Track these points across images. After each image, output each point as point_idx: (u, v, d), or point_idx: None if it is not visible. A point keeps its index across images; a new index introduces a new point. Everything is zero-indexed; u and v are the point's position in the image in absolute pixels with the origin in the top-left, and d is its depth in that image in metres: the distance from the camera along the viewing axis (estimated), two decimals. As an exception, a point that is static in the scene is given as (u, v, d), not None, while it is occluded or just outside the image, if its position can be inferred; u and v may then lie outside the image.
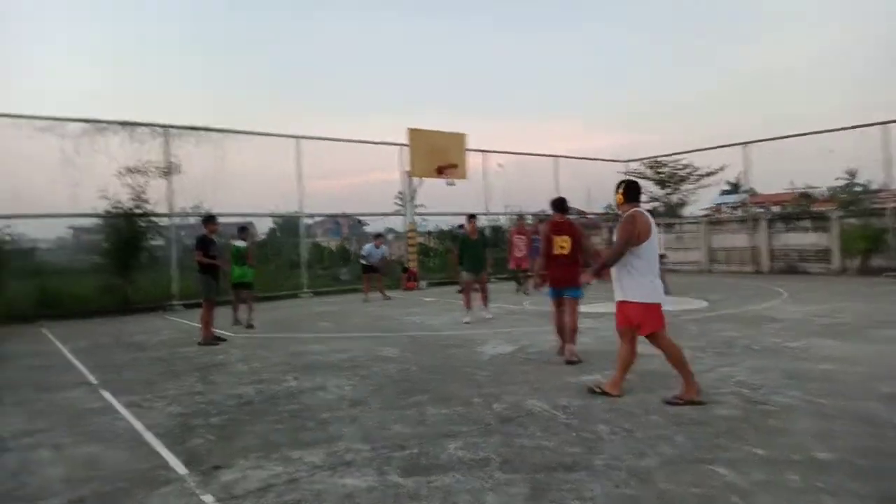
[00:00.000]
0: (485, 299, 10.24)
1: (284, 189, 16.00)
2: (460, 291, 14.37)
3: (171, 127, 14.13)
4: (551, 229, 6.57)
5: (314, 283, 16.59)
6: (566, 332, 6.52)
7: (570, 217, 6.87)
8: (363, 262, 14.51)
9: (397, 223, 19.13)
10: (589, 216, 21.70)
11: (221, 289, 9.05)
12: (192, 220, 15.60)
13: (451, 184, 16.31)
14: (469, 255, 9.86)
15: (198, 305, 9.64)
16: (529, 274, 14.61)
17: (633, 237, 4.73)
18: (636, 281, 4.79)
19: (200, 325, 8.56)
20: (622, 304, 4.93)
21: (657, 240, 4.91)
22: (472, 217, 10.25)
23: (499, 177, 19.84)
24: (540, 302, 11.63)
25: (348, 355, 7.21)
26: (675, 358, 4.77)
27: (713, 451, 3.58)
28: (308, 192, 16.23)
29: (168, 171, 13.87)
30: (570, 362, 6.28)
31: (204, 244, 8.55)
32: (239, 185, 14.78)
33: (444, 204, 18.26)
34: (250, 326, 9.99)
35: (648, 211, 5.08)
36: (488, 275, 10.56)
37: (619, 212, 4.97)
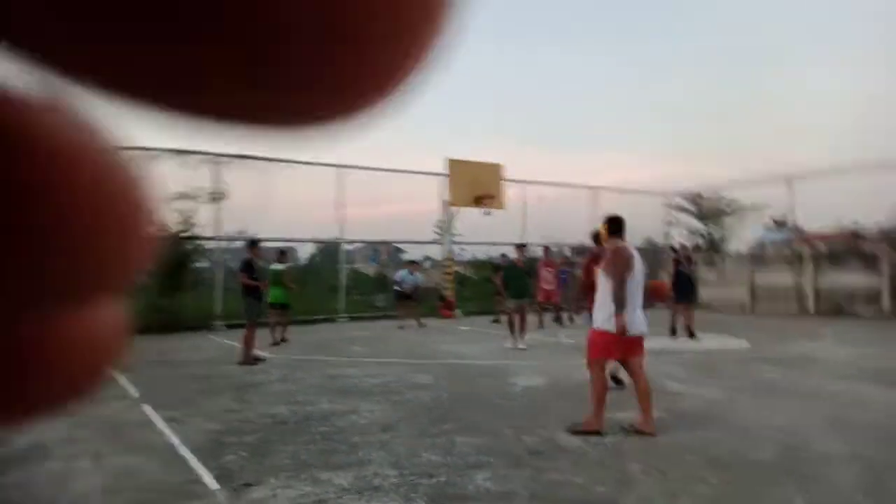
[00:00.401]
0: (522, 329, 10.28)
1: (325, 215, 16.35)
2: (495, 321, 14.38)
3: (221, 155, 14.60)
4: (593, 260, 6.65)
5: (351, 308, 16.75)
6: None
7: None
8: (397, 288, 14.63)
9: (435, 252, 19.29)
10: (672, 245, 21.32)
11: (264, 311, 9.25)
12: (237, 244, 16.04)
13: (488, 213, 16.39)
14: (515, 284, 10.35)
15: (240, 326, 9.86)
16: (561, 307, 14.44)
17: (628, 269, 4.80)
18: (603, 311, 4.89)
19: (242, 346, 8.74)
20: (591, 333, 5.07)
21: (641, 275, 4.95)
22: (521, 246, 10.98)
23: (537, 208, 19.83)
24: (575, 335, 11.48)
25: (382, 380, 7.24)
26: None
27: (750, 498, 3.45)
28: (348, 219, 16.54)
29: (216, 196, 14.31)
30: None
31: (248, 267, 8.82)
32: (282, 210, 15.21)
33: (481, 234, 18.33)
34: (284, 340, 10.67)
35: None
36: (529, 305, 10.77)
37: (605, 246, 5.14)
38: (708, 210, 22.53)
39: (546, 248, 14.89)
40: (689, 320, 11.44)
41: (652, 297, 7.21)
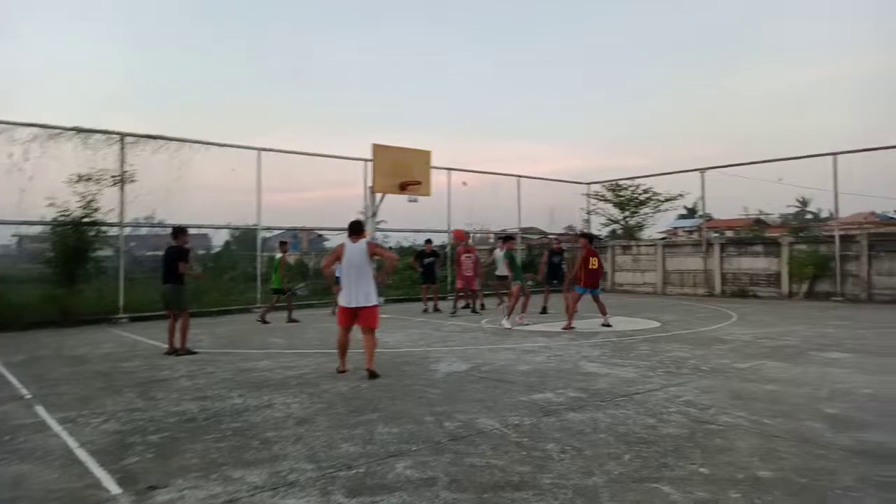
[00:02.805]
0: (510, 308, 11.38)
1: (243, 201, 15.75)
2: (425, 310, 14.41)
3: (128, 135, 13.76)
4: (589, 252, 10.89)
5: (269, 298, 16.25)
6: (602, 310, 11.00)
7: (535, 238, 7.85)
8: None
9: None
10: (549, 236, 21.95)
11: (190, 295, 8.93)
12: (143, 231, 15.17)
13: (414, 200, 16.31)
14: (515, 268, 11.79)
15: (143, 319, 9.36)
16: (477, 293, 14.54)
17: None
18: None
19: (180, 336, 8.51)
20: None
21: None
22: (508, 238, 12.55)
23: (462, 195, 19.95)
24: (497, 321, 11.67)
25: (298, 372, 7.07)
26: None
27: (659, 470, 3.62)
28: (267, 206, 15.99)
29: (122, 179, 13.47)
30: (606, 325, 10.59)
31: (186, 255, 8.52)
32: (195, 195, 14.49)
33: (406, 221, 18.26)
34: (266, 322, 12.41)
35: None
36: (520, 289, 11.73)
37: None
38: (625, 199, 23.47)
39: (466, 234, 15.12)
40: (545, 301, 14.14)
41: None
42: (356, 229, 7.02)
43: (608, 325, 10.87)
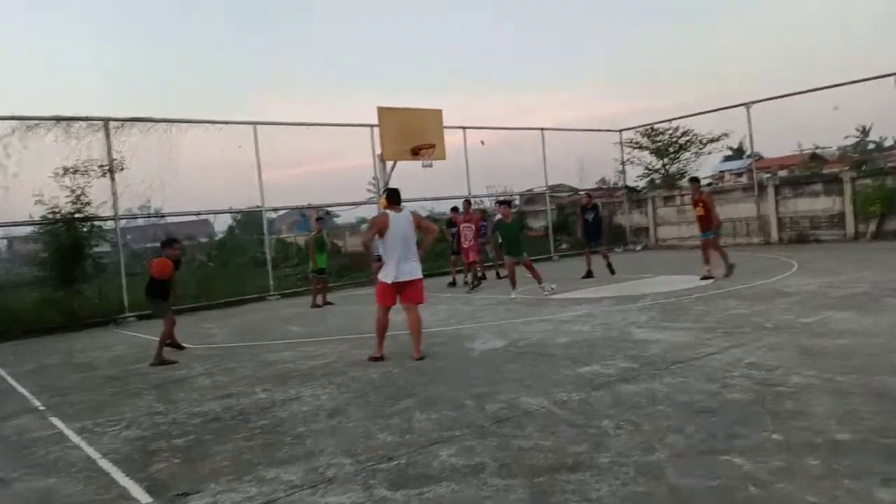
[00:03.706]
0: (537, 278, 11.56)
1: (243, 181, 15.85)
2: (451, 284, 14.45)
3: (112, 120, 13.86)
4: (694, 201, 12.09)
5: (281, 285, 16.50)
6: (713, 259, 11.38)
7: (565, 196, 7.80)
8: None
9: (371, 213, 19.10)
10: (580, 192, 21.78)
11: (169, 304, 8.78)
12: (140, 222, 15.41)
13: (429, 165, 16.26)
14: (508, 240, 11.86)
15: (152, 317, 9.53)
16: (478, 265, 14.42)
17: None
18: None
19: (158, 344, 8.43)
20: None
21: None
22: (505, 203, 12.39)
23: (481, 156, 19.84)
24: (530, 291, 11.70)
25: (323, 361, 7.20)
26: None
27: (727, 441, 3.64)
28: (270, 184, 16.10)
29: (110, 168, 13.63)
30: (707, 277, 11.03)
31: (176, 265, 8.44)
32: (191, 179, 14.64)
33: (422, 188, 18.26)
34: (329, 303, 13.14)
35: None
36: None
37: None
38: (663, 144, 23.12)
39: (466, 202, 14.98)
40: (606, 258, 14.06)
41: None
42: (397, 198, 7.00)
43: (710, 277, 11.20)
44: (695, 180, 13.11)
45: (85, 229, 13.47)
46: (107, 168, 13.56)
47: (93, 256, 13.96)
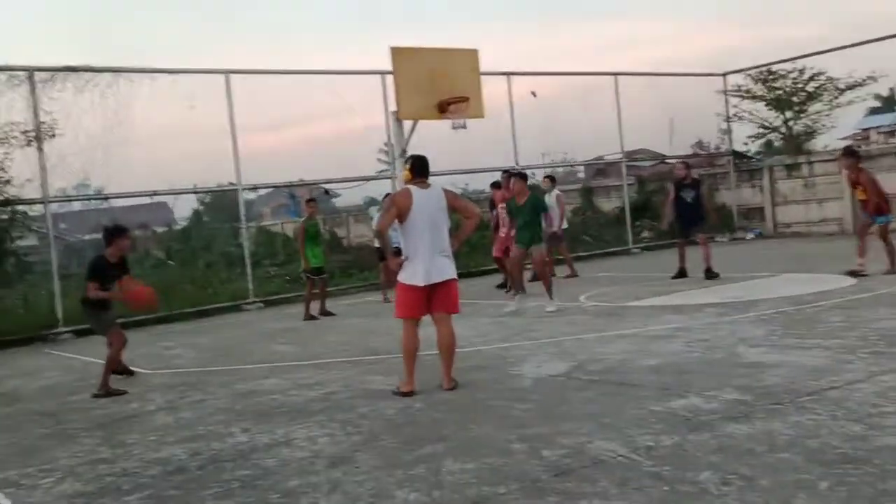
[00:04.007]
0: (546, 285, 11.47)
1: (213, 152, 16.01)
2: (501, 286, 14.43)
3: (39, 70, 14.03)
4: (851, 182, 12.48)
5: (264, 289, 16.63)
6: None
7: (648, 166, 7.70)
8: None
9: (382, 189, 19.12)
10: (670, 161, 21.55)
11: (114, 316, 8.92)
12: (77, 206, 15.65)
13: (461, 126, 16.24)
14: (519, 224, 11.58)
15: (93, 332, 9.65)
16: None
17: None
18: None
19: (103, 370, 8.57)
20: None
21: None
22: (514, 175, 12.39)
23: (532, 112, 19.75)
24: (602, 296, 11.62)
25: (322, 392, 7.25)
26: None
27: (876, 502, 3.58)
28: (248, 155, 16.22)
29: (37, 135, 13.82)
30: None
31: (99, 271, 8.38)
32: (144, 149, 14.75)
33: (451, 158, 18.23)
34: (329, 313, 13.19)
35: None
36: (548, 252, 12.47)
37: None
38: (784, 92, 22.74)
39: (507, 175, 14.17)
40: (706, 258, 13.16)
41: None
42: (424, 169, 6.86)
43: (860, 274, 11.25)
44: (850, 153, 12.82)
45: (4, 216, 13.71)
46: (32, 135, 13.74)
47: (15, 253, 14.21)
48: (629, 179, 22.20)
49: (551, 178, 16.19)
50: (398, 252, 6.80)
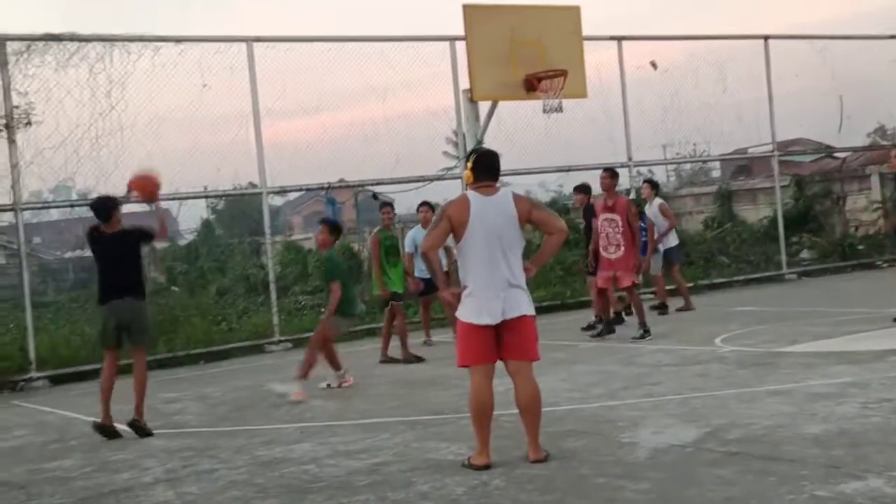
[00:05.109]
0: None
1: (229, 143, 16.19)
2: (589, 328, 14.38)
3: (12, 38, 14.28)
4: None
5: (292, 324, 16.73)
6: None
7: (809, 160, 7.63)
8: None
9: (448, 193, 19.18)
10: (838, 154, 21.21)
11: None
12: (55, 214, 15.99)
13: (556, 109, 16.27)
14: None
15: (73, 378, 9.86)
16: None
17: None
18: None
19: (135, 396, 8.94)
20: None
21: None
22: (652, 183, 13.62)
23: (650, 89, 19.67)
24: (746, 338, 11.44)
25: (369, 462, 7.27)
26: None
27: None
28: (275, 147, 16.37)
29: (8, 123, 14.13)
30: None
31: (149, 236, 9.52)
32: (141, 142, 14.95)
33: (539, 153, 18.25)
34: (418, 359, 13.01)
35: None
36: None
37: None
38: None
39: (609, 174, 13.91)
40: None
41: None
42: (491, 168, 6.86)
43: None
44: None
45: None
46: (2, 122, 14.07)
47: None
48: (783, 180, 21.84)
49: (652, 184, 16.07)
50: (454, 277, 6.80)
